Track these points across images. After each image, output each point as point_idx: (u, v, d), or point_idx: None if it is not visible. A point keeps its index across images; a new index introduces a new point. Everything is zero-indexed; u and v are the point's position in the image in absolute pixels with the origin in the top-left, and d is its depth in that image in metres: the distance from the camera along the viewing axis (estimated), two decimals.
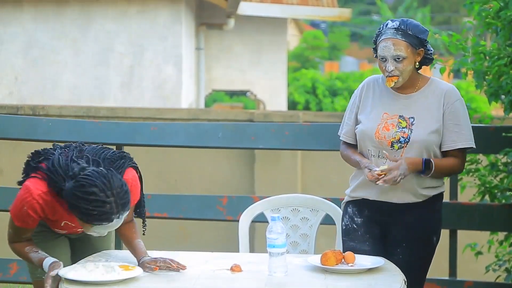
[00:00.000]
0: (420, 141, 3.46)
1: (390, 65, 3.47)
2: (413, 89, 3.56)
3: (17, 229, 3.27)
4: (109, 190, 3.01)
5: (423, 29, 3.52)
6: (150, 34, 10.40)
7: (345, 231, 3.63)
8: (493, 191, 4.66)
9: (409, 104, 3.53)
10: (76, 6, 10.34)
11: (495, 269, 4.74)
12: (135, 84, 10.40)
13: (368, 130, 3.54)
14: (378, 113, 3.55)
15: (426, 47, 3.52)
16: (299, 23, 24.41)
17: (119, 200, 3.02)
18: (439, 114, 3.50)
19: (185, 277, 3.10)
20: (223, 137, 4.72)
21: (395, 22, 3.51)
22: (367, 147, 3.55)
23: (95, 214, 3.00)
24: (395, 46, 3.46)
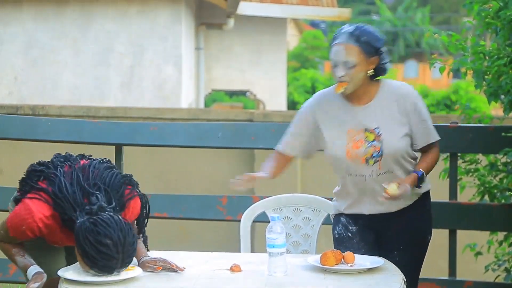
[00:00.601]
0: (393, 151, 3.40)
1: (341, 70, 3.38)
2: (369, 98, 3.44)
3: (9, 236, 3.23)
4: (121, 247, 2.98)
5: (379, 37, 3.42)
6: (150, 34, 10.40)
7: (338, 239, 3.59)
8: (492, 191, 4.66)
9: (370, 114, 3.43)
10: (76, 6, 10.35)
11: (495, 269, 4.74)
12: (135, 84, 10.40)
13: (338, 153, 3.46)
14: (342, 132, 3.45)
15: (380, 56, 3.41)
16: (298, 23, 24.43)
17: (126, 258, 3.01)
18: (402, 117, 3.42)
19: (185, 277, 3.10)
20: (223, 137, 4.73)
21: (350, 27, 3.41)
22: (342, 170, 3.49)
23: (99, 264, 2.98)
24: (347, 51, 3.37)
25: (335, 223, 3.62)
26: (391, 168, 3.42)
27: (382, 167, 3.42)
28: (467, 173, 4.72)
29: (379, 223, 3.52)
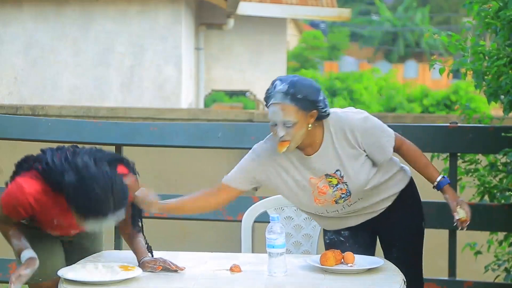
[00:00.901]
0: (360, 186, 3.37)
1: (281, 130, 3.25)
2: (319, 143, 3.35)
3: (3, 214, 3.27)
4: (110, 191, 3.03)
5: (315, 89, 3.27)
6: (150, 34, 10.40)
7: (329, 244, 3.58)
8: (492, 191, 4.66)
9: (325, 160, 3.35)
10: (76, 6, 10.35)
11: (495, 268, 4.74)
12: (135, 84, 10.40)
13: (304, 202, 3.42)
14: (304, 182, 3.39)
15: (318, 107, 3.27)
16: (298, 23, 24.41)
17: (117, 201, 3.05)
18: (354, 150, 3.34)
19: (185, 277, 3.10)
20: (223, 137, 4.73)
21: (283, 84, 3.25)
22: (313, 211, 3.49)
23: (92, 211, 3.02)
24: (284, 112, 3.23)
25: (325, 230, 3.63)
26: (361, 195, 3.42)
27: (352, 200, 3.42)
28: (467, 173, 4.72)
29: (372, 223, 3.52)
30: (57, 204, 3.20)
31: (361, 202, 3.45)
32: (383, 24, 33.40)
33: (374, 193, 3.45)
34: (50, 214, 3.26)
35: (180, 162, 7.11)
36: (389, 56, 32.81)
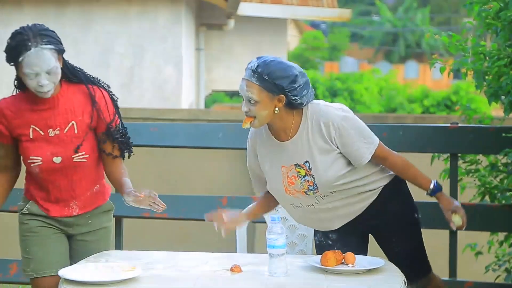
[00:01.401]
0: (326, 182, 3.34)
1: (244, 105, 3.27)
2: (292, 131, 3.34)
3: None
4: (28, 27, 3.26)
5: (286, 74, 3.24)
6: (150, 35, 10.40)
7: (318, 246, 3.58)
8: (493, 191, 4.66)
9: (297, 149, 3.34)
10: (76, 7, 10.35)
11: (495, 269, 4.74)
12: (135, 85, 10.40)
13: (278, 190, 3.44)
14: (277, 169, 3.40)
15: (288, 93, 3.24)
16: (299, 23, 24.43)
17: (35, 30, 3.24)
18: (327, 145, 3.32)
19: (185, 277, 3.10)
20: (223, 138, 4.72)
21: (256, 62, 3.26)
22: (288, 203, 3.48)
23: (14, 46, 3.20)
24: (248, 88, 3.24)
25: (315, 230, 3.62)
26: (333, 191, 3.40)
27: (322, 193, 3.40)
28: (467, 174, 4.72)
29: (362, 223, 3.50)
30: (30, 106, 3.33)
31: (336, 197, 3.40)
32: (383, 25, 33.43)
33: (349, 190, 3.40)
34: (22, 117, 3.32)
35: (180, 162, 7.11)
36: (390, 56, 32.82)
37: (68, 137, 3.36)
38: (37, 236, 3.43)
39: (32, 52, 3.19)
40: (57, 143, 3.35)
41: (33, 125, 3.34)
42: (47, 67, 3.23)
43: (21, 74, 3.27)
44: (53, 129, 3.35)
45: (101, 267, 3.13)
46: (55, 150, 3.35)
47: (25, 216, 3.47)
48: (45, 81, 3.24)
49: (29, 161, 3.36)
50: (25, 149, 3.35)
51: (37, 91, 3.27)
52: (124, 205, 4.63)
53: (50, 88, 3.27)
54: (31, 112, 3.35)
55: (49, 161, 3.35)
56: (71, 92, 3.40)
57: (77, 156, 3.37)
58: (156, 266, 3.25)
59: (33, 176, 3.43)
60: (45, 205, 3.44)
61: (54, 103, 3.36)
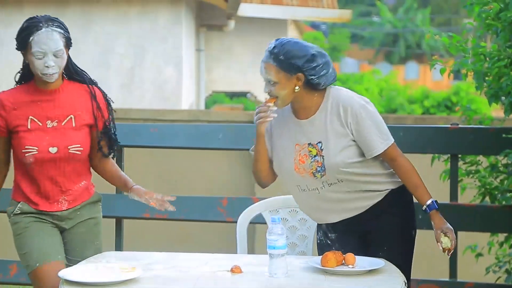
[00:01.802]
0: (333, 165, 3.36)
1: (266, 87, 3.36)
2: (312, 111, 3.40)
3: None
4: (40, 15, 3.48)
5: (302, 53, 3.33)
6: (150, 35, 10.41)
7: (319, 245, 3.58)
8: (493, 192, 4.66)
9: (313, 129, 3.39)
10: (77, 8, 10.35)
11: (495, 270, 4.74)
12: (135, 86, 10.41)
13: (286, 168, 3.45)
14: (290, 146, 3.44)
15: (305, 72, 3.32)
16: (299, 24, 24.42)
17: (47, 16, 3.44)
18: (343, 128, 3.36)
19: (185, 278, 3.10)
20: (223, 139, 4.73)
21: (272, 44, 3.37)
22: (294, 183, 3.48)
23: (25, 27, 3.40)
24: (266, 70, 3.34)
25: (317, 228, 3.61)
26: (340, 178, 3.40)
27: (329, 179, 3.40)
28: (467, 175, 4.72)
29: (360, 225, 3.48)
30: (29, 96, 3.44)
31: (342, 187, 3.40)
32: (384, 26, 33.44)
33: (356, 183, 3.40)
34: (20, 108, 3.40)
35: (180, 163, 7.11)
36: (390, 57, 32.83)
37: (65, 129, 3.46)
38: (32, 230, 3.46)
39: (43, 31, 3.37)
40: (54, 134, 3.44)
41: (32, 116, 3.43)
42: (55, 48, 3.36)
43: (29, 55, 3.39)
44: (51, 120, 3.45)
45: (101, 267, 3.13)
46: (52, 141, 3.43)
47: (17, 216, 3.51)
48: (52, 63, 3.36)
49: (24, 151, 3.42)
50: (21, 139, 3.42)
51: (42, 73, 3.38)
52: (124, 206, 4.64)
53: (55, 71, 3.39)
54: (30, 103, 3.44)
55: (45, 151, 3.42)
56: (71, 88, 3.52)
57: (73, 148, 3.46)
58: (156, 266, 3.25)
59: (24, 170, 3.47)
60: (35, 199, 3.48)
61: (55, 96, 3.46)
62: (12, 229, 3.54)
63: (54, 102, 3.46)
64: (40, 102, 3.44)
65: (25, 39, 3.40)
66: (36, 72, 3.40)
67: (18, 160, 3.48)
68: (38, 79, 3.45)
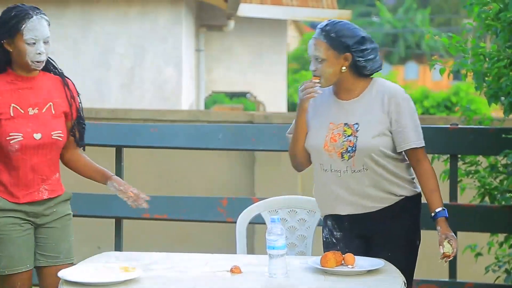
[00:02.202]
0: (365, 147, 3.39)
1: (312, 64, 3.44)
2: (355, 93, 3.47)
3: None
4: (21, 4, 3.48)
5: (354, 34, 3.41)
6: (150, 35, 10.40)
7: (325, 243, 3.58)
8: (493, 192, 4.66)
9: (352, 110, 3.45)
10: (77, 8, 10.35)
11: (495, 270, 4.74)
12: (135, 86, 10.40)
13: (316, 144, 3.47)
14: (324, 124, 3.48)
15: (354, 53, 3.40)
16: (299, 24, 24.44)
17: (31, 6, 3.45)
18: (383, 116, 3.42)
19: (185, 278, 3.10)
20: (223, 139, 4.73)
21: (325, 22, 3.44)
22: (318, 162, 3.49)
23: (14, 15, 3.41)
24: (315, 47, 3.41)
25: (323, 226, 3.61)
26: (366, 165, 3.40)
27: (356, 163, 3.40)
28: (467, 175, 4.72)
29: (366, 227, 3.48)
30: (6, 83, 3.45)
31: (363, 179, 3.41)
32: (383, 26, 33.44)
33: (378, 178, 3.41)
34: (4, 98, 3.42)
35: (180, 163, 7.11)
36: (390, 57, 32.83)
37: (46, 116, 3.51)
38: (8, 234, 3.44)
39: (35, 19, 3.42)
40: (36, 121, 3.48)
41: (14, 104, 3.46)
42: (46, 34, 3.45)
43: (20, 43, 3.42)
44: (32, 108, 3.49)
45: (101, 268, 3.13)
46: (35, 127, 3.47)
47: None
48: (42, 49, 3.43)
49: (8, 138, 3.43)
50: (5, 127, 3.44)
51: (33, 61, 3.44)
52: (124, 206, 4.62)
53: (44, 58, 3.47)
54: (11, 91, 3.46)
55: (30, 137, 3.46)
56: (46, 77, 3.58)
57: (56, 134, 3.52)
58: (156, 267, 3.25)
59: (4, 160, 3.47)
60: (15, 190, 3.47)
61: (33, 84, 3.52)
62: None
63: (33, 90, 3.51)
64: (21, 90, 3.48)
65: (15, 27, 3.42)
66: (26, 60, 3.44)
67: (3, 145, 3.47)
68: (21, 66, 3.48)
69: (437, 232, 3.39)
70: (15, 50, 3.44)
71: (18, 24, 3.41)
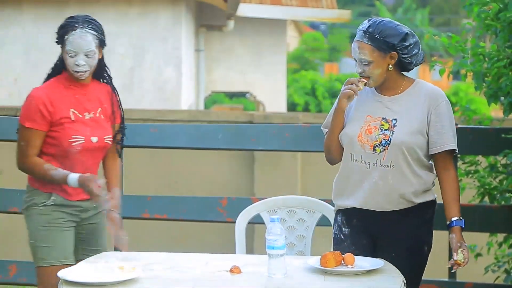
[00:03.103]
0: (400, 142, 3.41)
1: (358, 67, 3.46)
2: (397, 90, 3.50)
3: (27, 135, 3.62)
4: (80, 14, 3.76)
5: (396, 32, 3.42)
6: (150, 36, 10.40)
7: (334, 239, 3.59)
8: (492, 192, 4.66)
9: (393, 106, 3.49)
10: (77, 8, 10.34)
11: (494, 270, 4.75)
12: (135, 86, 10.40)
13: (351, 133, 3.49)
14: (361, 116, 3.51)
15: (399, 51, 3.43)
16: (298, 24, 24.44)
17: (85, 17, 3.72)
18: (422, 115, 3.45)
19: (185, 278, 3.11)
20: (223, 139, 4.73)
21: (366, 23, 3.45)
22: (350, 151, 3.51)
23: (63, 25, 3.65)
24: (360, 50, 3.44)
25: (334, 222, 3.62)
26: (396, 161, 3.41)
27: (386, 158, 3.42)
28: (467, 175, 4.72)
29: (374, 226, 3.48)
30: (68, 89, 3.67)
31: (389, 176, 3.42)
32: None
33: (404, 174, 3.42)
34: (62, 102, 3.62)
35: (180, 163, 7.11)
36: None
37: (99, 120, 3.72)
38: (59, 226, 3.62)
39: (77, 32, 3.64)
40: (92, 125, 3.69)
41: (73, 109, 3.66)
42: (87, 48, 3.64)
43: (64, 52, 3.66)
44: (88, 112, 3.69)
45: (101, 268, 3.14)
46: (92, 131, 3.68)
47: (47, 207, 3.64)
48: (82, 62, 3.62)
49: (71, 140, 3.62)
50: (67, 130, 3.62)
51: (73, 70, 3.64)
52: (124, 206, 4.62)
53: (86, 69, 3.66)
54: (69, 97, 3.67)
55: (89, 141, 3.66)
56: (97, 85, 3.81)
57: (107, 138, 3.73)
58: (156, 267, 3.25)
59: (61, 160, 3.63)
60: (69, 189, 3.64)
61: (86, 90, 3.73)
62: (34, 218, 3.65)
63: (86, 95, 3.72)
64: (77, 96, 3.69)
65: (61, 37, 3.66)
66: (68, 68, 3.66)
67: (59, 150, 3.63)
68: (69, 72, 3.69)
69: (451, 239, 3.41)
70: (64, 57, 3.68)
71: (64, 34, 3.65)
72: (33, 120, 3.61)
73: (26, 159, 3.65)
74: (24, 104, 3.68)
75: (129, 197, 4.72)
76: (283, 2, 14.47)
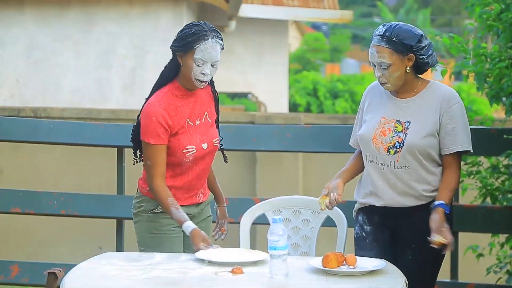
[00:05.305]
0: (413, 145, 3.48)
1: (377, 71, 3.51)
2: (412, 93, 3.56)
3: (153, 152, 3.58)
4: (202, 22, 3.63)
5: (412, 34, 3.48)
6: (151, 36, 10.40)
7: (356, 239, 3.67)
8: (494, 193, 4.66)
9: (407, 108, 3.54)
10: (78, 9, 10.35)
11: (496, 271, 4.74)
12: (137, 86, 10.40)
13: (365, 135, 3.57)
14: (376, 118, 3.57)
15: (416, 53, 3.49)
16: (300, 25, 24.44)
17: (210, 25, 3.61)
18: (435, 117, 3.50)
19: (187, 279, 3.10)
20: (224, 139, 4.71)
21: (382, 28, 3.51)
22: (365, 152, 3.60)
23: (192, 33, 3.56)
24: (379, 54, 3.48)
25: (355, 222, 3.69)
26: (409, 163, 3.49)
27: (400, 159, 3.49)
28: (469, 175, 4.72)
29: (395, 220, 3.55)
30: (183, 98, 3.64)
31: (403, 175, 3.48)
32: None
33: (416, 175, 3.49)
34: (180, 112, 3.61)
35: None
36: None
37: (207, 125, 3.73)
38: (168, 233, 3.65)
39: (209, 41, 3.58)
40: (201, 131, 3.69)
41: (188, 118, 3.66)
42: (215, 59, 3.60)
43: (189, 60, 3.59)
44: (198, 118, 3.69)
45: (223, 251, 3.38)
46: (202, 138, 3.69)
47: (156, 214, 3.67)
48: (208, 71, 3.60)
49: (184, 151, 3.63)
50: (181, 141, 3.62)
51: (197, 79, 3.60)
52: (125, 206, 4.63)
53: (208, 79, 3.64)
54: (184, 107, 3.66)
55: (200, 148, 3.66)
56: (200, 89, 3.73)
57: (216, 141, 3.75)
58: (158, 267, 3.25)
59: (174, 166, 3.64)
60: (178, 194, 3.65)
61: (195, 96, 3.71)
62: (142, 225, 3.68)
63: (196, 101, 3.70)
64: (190, 104, 3.67)
65: (190, 44, 3.58)
66: (190, 76, 3.61)
67: (172, 160, 3.64)
68: (186, 80, 3.64)
69: (431, 219, 3.44)
70: (184, 64, 3.60)
71: (193, 42, 3.57)
72: (157, 136, 3.58)
73: (152, 182, 3.60)
74: (143, 122, 3.62)
75: (130, 198, 4.71)
76: (285, 3, 14.48)
